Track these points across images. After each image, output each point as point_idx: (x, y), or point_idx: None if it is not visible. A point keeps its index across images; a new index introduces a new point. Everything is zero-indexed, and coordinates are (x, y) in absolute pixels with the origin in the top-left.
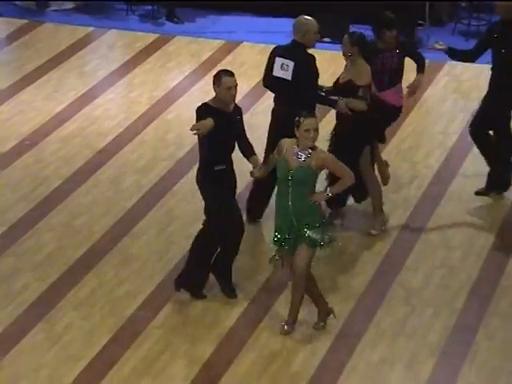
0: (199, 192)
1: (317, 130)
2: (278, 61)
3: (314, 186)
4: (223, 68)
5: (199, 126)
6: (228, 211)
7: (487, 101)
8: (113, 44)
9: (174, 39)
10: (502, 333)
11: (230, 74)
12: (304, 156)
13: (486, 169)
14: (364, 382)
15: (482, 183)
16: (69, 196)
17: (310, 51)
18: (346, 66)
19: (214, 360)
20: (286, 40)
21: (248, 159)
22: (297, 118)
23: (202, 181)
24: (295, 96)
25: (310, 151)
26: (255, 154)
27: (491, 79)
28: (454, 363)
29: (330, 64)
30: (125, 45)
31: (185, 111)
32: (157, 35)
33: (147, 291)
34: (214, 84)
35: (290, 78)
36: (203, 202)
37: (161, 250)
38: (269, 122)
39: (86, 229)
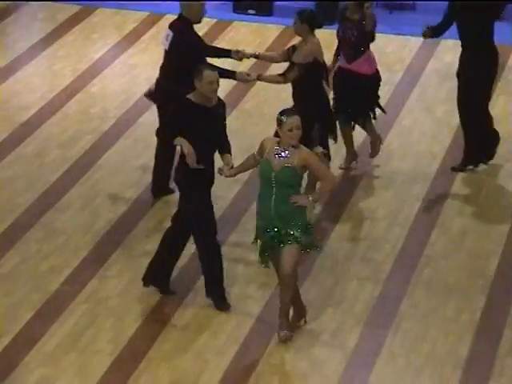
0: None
1: (299, 128)
2: (165, 32)
3: (299, 187)
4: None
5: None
6: (203, 214)
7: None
8: (34, 15)
9: (97, 11)
10: (426, 302)
11: (211, 67)
12: (286, 155)
13: (410, 142)
14: (290, 353)
15: (406, 156)
16: None
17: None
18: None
19: (140, 335)
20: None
21: (221, 156)
22: (279, 117)
23: (180, 180)
24: (170, 66)
25: (292, 150)
26: (229, 153)
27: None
28: (378, 332)
29: (256, 36)
30: (47, 16)
31: (109, 84)
32: (80, 6)
33: (72, 266)
34: (194, 78)
35: (167, 47)
36: (128, 175)
37: (86, 224)
38: None
39: (9, 203)
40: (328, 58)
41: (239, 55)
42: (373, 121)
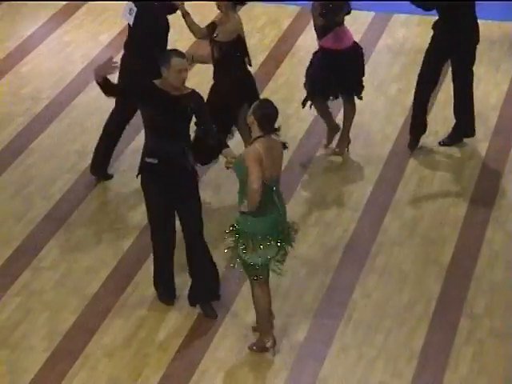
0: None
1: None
2: (127, 5)
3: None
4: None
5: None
6: (153, 218)
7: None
8: None
9: None
10: (379, 291)
11: (181, 55)
12: None
13: (362, 123)
14: (236, 347)
15: (358, 137)
16: None
17: None
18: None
19: (76, 329)
20: None
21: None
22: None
23: (138, 171)
24: (134, 42)
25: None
26: (227, 146)
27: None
28: (329, 323)
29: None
30: None
31: (41, 63)
32: None
33: (3, 257)
34: (161, 65)
35: (131, 23)
36: (63, 160)
37: (18, 212)
38: None
39: None
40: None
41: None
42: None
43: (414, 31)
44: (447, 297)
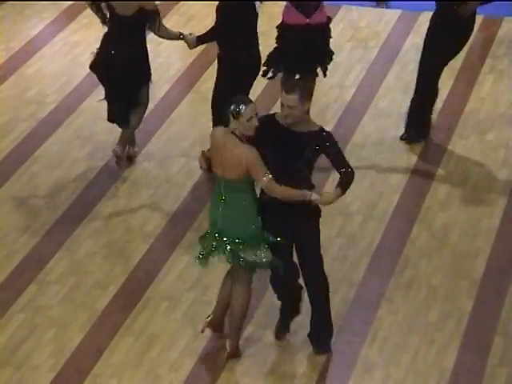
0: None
1: (256, 115)
2: None
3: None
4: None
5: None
6: None
7: None
8: None
9: None
10: (406, 307)
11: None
12: None
13: (388, 127)
14: (253, 368)
15: (383, 142)
16: None
17: None
18: None
19: (84, 348)
20: None
21: None
22: (234, 106)
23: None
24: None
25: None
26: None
27: None
28: (353, 341)
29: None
30: None
31: (47, 65)
32: None
33: (7, 270)
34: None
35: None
36: (69, 168)
37: (22, 223)
38: None
39: None
40: None
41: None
42: None
43: None
44: (480, 313)
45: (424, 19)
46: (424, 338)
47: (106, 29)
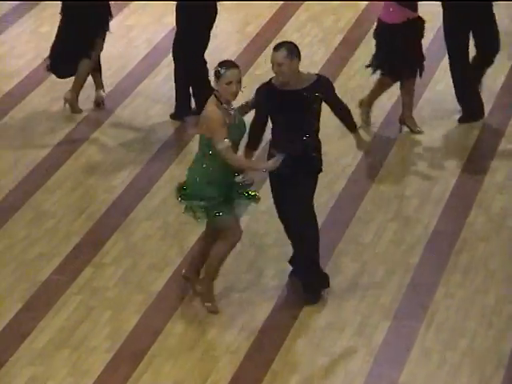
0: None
1: (240, 81)
2: None
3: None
4: None
5: None
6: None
7: None
8: None
9: None
10: (463, 290)
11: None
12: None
13: (445, 109)
14: (309, 349)
15: (439, 125)
16: None
17: None
18: None
19: (140, 330)
20: None
21: None
22: (217, 68)
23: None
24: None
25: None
26: None
27: None
28: (409, 326)
29: None
30: None
31: (106, 47)
32: None
33: (63, 253)
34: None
35: None
36: (126, 150)
37: (78, 205)
38: None
39: None
40: None
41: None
42: None
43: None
44: None
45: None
46: (481, 322)
47: None
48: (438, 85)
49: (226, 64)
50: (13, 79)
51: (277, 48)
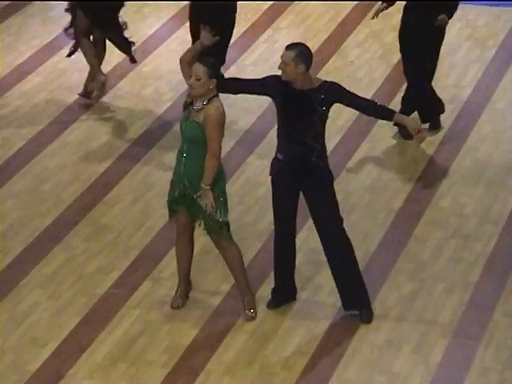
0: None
1: (199, 78)
2: None
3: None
4: None
5: None
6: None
7: None
8: None
9: None
10: None
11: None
12: (197, 108)
13: (505, 128)
14: (366, 368)
15: (498, 141)
16: (33, 159)
17: None
18: None
19: (198, 344)
20: None
21: None
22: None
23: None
24: None
25: (205, 103)
26: None
27: None
28: (468, 344)
29: (328, 8)
30: None
31: (163, 63)
32: None
33: (122, 267)
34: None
35: None
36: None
37: (137, 219)
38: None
39: (53, 196)
40: None
41: None
42: None
43: None
44: None
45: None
46: None
47: None
48: (497, 103)
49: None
50: (74, 93)
51: (289, 47)
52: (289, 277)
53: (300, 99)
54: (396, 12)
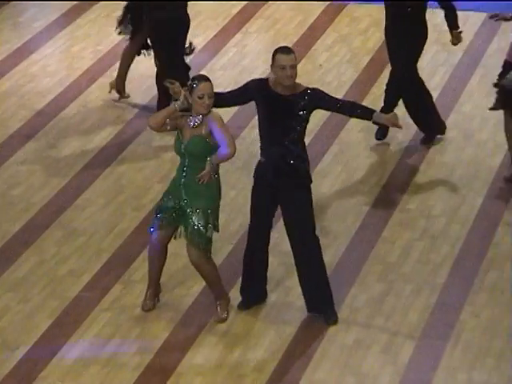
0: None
1: (212, 96)
2: None
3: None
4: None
5: None
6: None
7: None
8: None
9: None
10: (489, 310)
11: (287, 50)
12: (195, 123)
13: (471, 130)
14: (336, 368)
15: (464, 143)
16: (3, 163)
17: None
18: None
19: (169, 346)
20: None
21: None
22: (190, 82)
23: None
24: None
25: (201, 118)
26: None
27: None
28: (436, 345)
29: (297, 13)
30: None
31: (134, 67)
32: None
33: (93, 270)
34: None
35: None
36: (155, 168)
37: (108, 223)
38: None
39: (24, 200)
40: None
41: None
42: None
43: None
44: None
45: (509, 22)
46: (508, 342)
47: None
48: (463, 106)
49: (198, 78)
50: (45, 97)
51: (287, 51)
52: (261, 278)
53: (283, 104)
54: (364, 17)
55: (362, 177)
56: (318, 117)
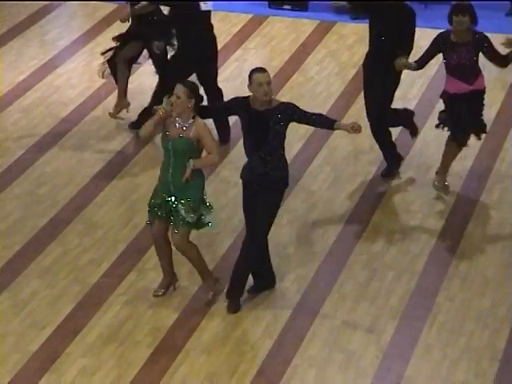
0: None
1: (179, 97)
2: None
3: (199, 158)
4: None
5: None
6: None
7: None
8: (74, 13)
9: None
10: (462, 294)
11: (262, 70)
12: (183, 124)
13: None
14: (326, 347)
15: (440, 145)
16: (32, 165)
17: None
18: None
19: (178, 327)
20: None
21: None
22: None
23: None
24: None
25: (191, 121)
26: None
27: None
28: (414, 326)
29: (291, 31)
30: (86, 14)
31: (147, 80)
32: (117, 5)
33: (111, 259)
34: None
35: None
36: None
37: (124, 217)
38: None
39: (50, 198)
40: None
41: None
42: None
43: None
44: None
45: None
46: (478, 323)
47: None
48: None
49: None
50: (68, 106)
51: (262, 70)
52: (266, 267)
53: (259, 119)
54: (351, 34)
55: (349, 177)
56: None
